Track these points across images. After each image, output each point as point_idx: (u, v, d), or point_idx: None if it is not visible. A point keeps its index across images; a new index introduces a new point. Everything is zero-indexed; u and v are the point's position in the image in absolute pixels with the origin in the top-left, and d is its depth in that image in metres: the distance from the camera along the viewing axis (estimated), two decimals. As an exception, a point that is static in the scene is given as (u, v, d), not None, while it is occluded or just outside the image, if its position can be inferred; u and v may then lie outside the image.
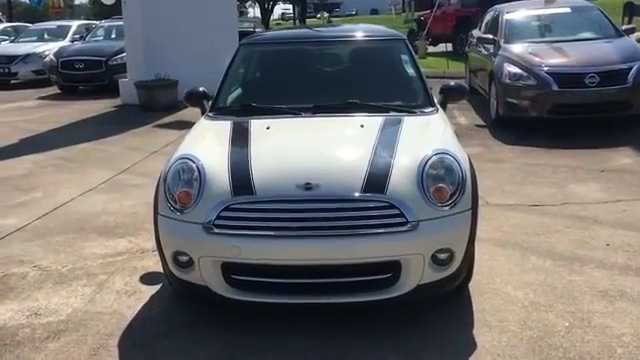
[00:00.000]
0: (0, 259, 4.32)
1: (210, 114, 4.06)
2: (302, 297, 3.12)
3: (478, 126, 8.47)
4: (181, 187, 3.23)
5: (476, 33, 10.59)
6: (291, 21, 69.10)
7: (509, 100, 7.82)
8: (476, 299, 3.53)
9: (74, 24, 16.56)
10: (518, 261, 4.03)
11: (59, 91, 13.40)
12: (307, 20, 69.45)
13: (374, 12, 70.14)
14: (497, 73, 8.17)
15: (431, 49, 18.91)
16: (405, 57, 4.27)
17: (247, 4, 41.88)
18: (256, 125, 3.71)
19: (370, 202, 3.06)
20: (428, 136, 3.54)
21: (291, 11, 73.53)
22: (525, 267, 3.94)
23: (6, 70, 14.61)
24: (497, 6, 10.26)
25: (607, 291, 3.58)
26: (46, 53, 14.15)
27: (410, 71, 4.25)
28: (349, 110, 3.86)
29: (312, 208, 3.04)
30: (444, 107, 4.27)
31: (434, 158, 3.26)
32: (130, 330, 3.30)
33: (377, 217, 3.05)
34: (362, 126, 3.60)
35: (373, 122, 3.66)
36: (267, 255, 3.06)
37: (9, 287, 3.86)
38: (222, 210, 3.09)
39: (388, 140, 3.43)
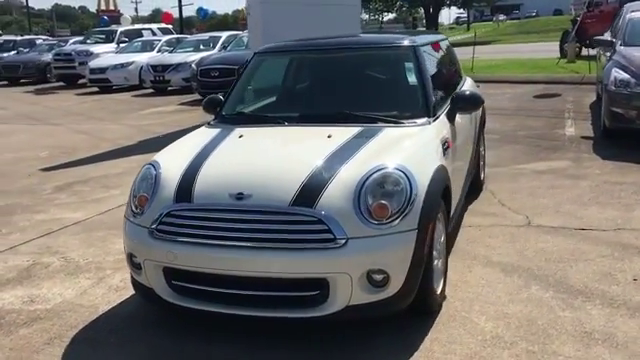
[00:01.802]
0: (41, 249, 4.80)
1: (211, 122, 4.17)
2: (233, 308, 3.10)
3: (584, 138, 7.73)
4: (141, 192, 3.39)
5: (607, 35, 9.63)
6: (465, 25, 67.65)
7: (614, 109, 7.03)
8: (438, 327, 3.27)
9: (224, 35, 17.70)
10: (514, 290, 3.65)
11: (200, 97, 14.43)
12: (482, 24, 67.58)
13: (558, 12, 66.03)
14: (604, 79, 7.38)
15: (586, 52, 17.45)
16: (409, 65, 4.04)
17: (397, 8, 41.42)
18: (233, 134, 3.76)
19: (298, 216, 2.97)
20: (393, 150, 3.33)
21: (466, 15, 71.92)
22: (517, 297, 3.55)
23: (161, 78, 16.03)
24: (630, 4, 9.26)
25: (592, 333, 3.12)
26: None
27: (411, 80, 4.01)
28: (335, 120, 3.77)
29: (241, 219, 3.03)
30: (452, 118, 3.99)
31: (378, 174, 3.08)
32: (92, 323, 3.52)
33: (304, 232, 2.96)
34: (329, 137, 3.49)
35: (344, 133, 3.53)
36: (198, 263, 3.10)
37: (29, 274, 4.28)
38: (164, 216, 3.19)
39: (346, 152, 3.29)
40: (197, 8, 27.05)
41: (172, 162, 3.48)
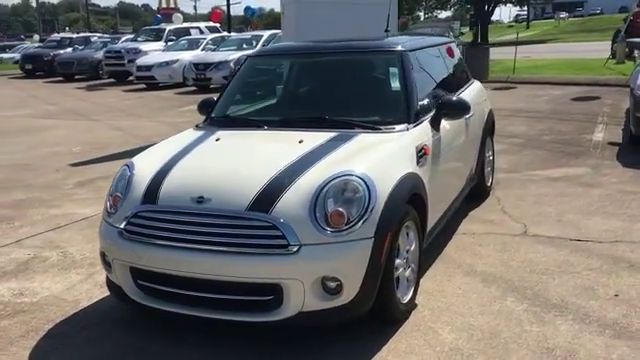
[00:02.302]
0: (44, 243, 4.99)
1: (199, 124, 4.24)
2: (193, 309, 3.15)
3: (611, 144, 7.48)
4: (116, 192, 3.48)
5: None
6: (524, 23, 66.04)
7: (638, 115, 6.76)
8: (399, 336, 3.24)
9: (266, 34, 17.86)
10: (488, 301, 3.58)
11: (238, 95, 14.63)
12: (543, 22, 65.67)
13: (623, 10, 63.66)
14: (631, 84, 7.11)
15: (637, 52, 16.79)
16: (394, 70, 4.00)
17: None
18: (212, 137, 3.82)
19: (253, 221, 3.00)
20: (360, 156, 3.31)
21: (526, 13, 70.17)
22: (489, 309, 3.48)
23: (202, 76, 16.34)
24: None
25: (554, 349, 3.03)
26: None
27: (394, 86, 3.97)
28: (313, 124, 3.77)
29: (200, 222, 3.08)
30: (436, 124, 3.93)
31: (337, 180, 3.07)
32: (70, 318, 3.64)
33: (259, 237, 2.99)
34: (301, 142, 3.49)
35: (317, 138, 3.54)
36: (160, 264, 3.17)
37: (26, 268, 4.46)
38: (131, 217, 3.28)
39: (312, 158, 3.30)
40: (245, 7, 27.42)
41: (147, 163, 3.56)
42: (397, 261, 3.28)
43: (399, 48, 4.11)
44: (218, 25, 23.49)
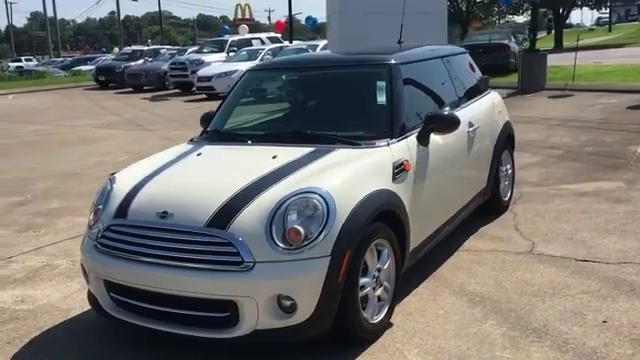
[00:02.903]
0: (60, 251, 5.19)
1: (194, 138, 4.30)
2: (156, 323, 3.18)
3: (657, 157, 7.05)
4: (98, 205, 3.59)
5: None
6: (606, 26, 63.36)
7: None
8: (363, 357, 3.16)
9: (321, 43, 17.92)
10: (467, 323, 3.44)
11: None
12: (628, 24, 62.73)
13: None
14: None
15: None
16: (382, 84, 3.92)
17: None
18: (195, 152, 3.87)
19: (211, 237, 3.02)
20: (327, 173, 3.27)
21: (608, 16, 67.35)
22: (465, 331, 3.36)
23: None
24: None
25: (518, 378, 2.88)
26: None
27: (380, 100, 3.89)
28: (295, 139, 3.75)
29: (162, 237, 3.13)
30: (424, 139, 3.83)
31: (296, 197, 3.05)
32: (56, 327, 3.76)
33: (215, 253, 3.00)
34: (274, 157, 3.49)
35: (292, 153, 3.52)
36: (126, 277, 3.24)
37: (34, 275, 4.65)
38: (104, 230, 3.37)
39: (280, 174, 3.29)
40: (306, 17, 27.67)
41: (128, 177, 3.65)
42: (364, 280, 3.22)
43: (391, 61, 4.03)
44: (280, 35, 23.86)
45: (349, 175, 3.30)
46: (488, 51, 18.04)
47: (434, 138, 3.94)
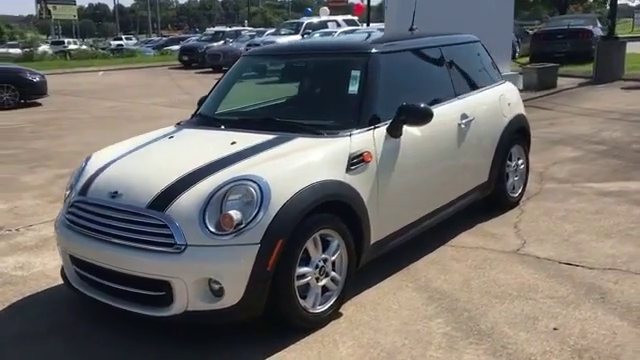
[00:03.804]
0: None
1: (181, 122, 4.42)
2: (106, 297, 3.34)
3: None
4: (71, 181, 3.80)
5: None
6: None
7: None
8: (297, 347, 3.18)
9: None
10: (415, 320, 3.40)
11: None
12: None
13: None
14: None
15: None
16: (355, 73, 3.86)
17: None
18: (169, 135, 3.99)
19: (150, 218, 3.14)
20: (274, 161, 3.29)
21: None
22: (408, 328, 3.31)
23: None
24: None
25: (436, 379, 2.83)
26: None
27: (352, 89, 3.83)
28: (263, 126, 3.80)
29: (110, 215, 3.28)
30: (394, 130, 3.76)
31: (233, 184, 3.11)
32: (38, 294, 4.01)
33: (153, 234, 3.11)
34: (233, 143, 3.55)
35: (251, 140, 3.57)
36: (81, 252, 3.42)
37: (43, 244, 4.95)
38: (69, 206, 3.57)
39: (230, 160, 3.35)
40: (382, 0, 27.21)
41: (101, 157, 3.83)
42: (304, 269, 3.24)
43: (371, 50, 3.97)
44: (357, 18, 23.71)
45: (295, 164, 3.31)
46: (568, 37, 17.19)
47: (410, 130, 3.86)
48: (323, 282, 3.37)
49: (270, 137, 3.61)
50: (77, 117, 12.90)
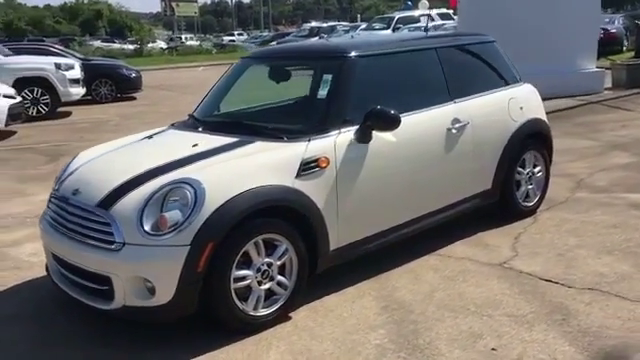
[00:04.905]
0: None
1: (175, 123, 4.56)
2: (69, 289, 3.56)
3: None
4: (58, 176, 4.06)
5: None
6: None
7: None
8: (229, 348, 3.22)
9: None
10: (357, 329, 3.35)
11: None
12: None
13: None
14: None
15: None
16: (327, 77, 3.81)
17: None
18: (149, 135, 4.15)
19: (97, 216, 3.31)
20: (220, 164, 3.37)
21: None
22: (346, 337, 3.27)
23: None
24: None
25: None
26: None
27: (322, 94, 3.79)
28: (231, 129, 3.87)
29: (69, 211, 3.49)
30: (363, 136, 3.69)
31: (171, 186, 3.21)
32: (36, 280, 4.33)
33: (98, 231, 3.29)
34: (194, 145, 3.65)
35: (212, 142, 3.66)
36: (50, 245, 3.66)
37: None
38: (48, 200, 3.84)
39: (182, 162, 3.45)
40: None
41: (85, 155, 4.06)
42: (244, 272, 3.28)
43: (345, 54, 3.91)
44: (452, 12, 23.05)
45: (239, 168, 3.36)
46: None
47: (383, 136, 3.78)
48: (267, 286, 3.39)
49: (231, 140, 3.67)
50: (163, 111, 13.53)
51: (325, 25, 29.44)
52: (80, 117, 13.19)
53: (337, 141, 3.64)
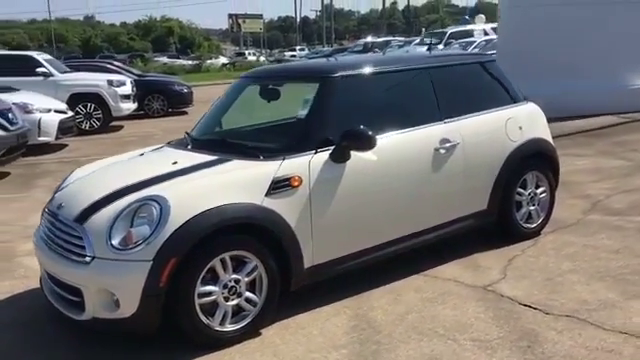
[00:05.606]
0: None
1: (171, 141, 4.69)
2: (51, 297, 3.74)
3: None
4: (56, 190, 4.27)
5: None
6: None
7: None
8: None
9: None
10: (320, 349, 3.37)
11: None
12: None
13: None
14: None
15: None
16: (308, 98, 3.86)
17: None
18: (141, 153, 4.31)
19: (73, 230, 3.47)
20: (189, 182, 3.47)
21: None
22: (307, 356, 3.31)
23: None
24: None
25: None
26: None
27: (302, 113, 3.86)
28: (216, 147, 3.98)
29: (56, 225, 3.67)
30: (339, 156, 3.72)
31: (139, 203, 3.33)
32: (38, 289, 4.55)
33: (73, 245, 3.45)
34: (174, 163, 3.77)
35: (191, 160, 3.78)
36: (38, 257, 3.85)
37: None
38: (43, 212, 4.04)
39: (158, 179, 3.56)
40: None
41: (80, 171, 4.25)
42: (210, 288, 3.36)
43: (328, 74, 3.96)
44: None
45: (208, 186, 3.45)
46: None
47: (362, 155, 3.79)
48: (234, 302, 3.46)
49: (210, 158, 3.78)
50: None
51: (379, 40, 29.46)
52: (130, 131, 13.72)
53: (312, 160, 3.68)
